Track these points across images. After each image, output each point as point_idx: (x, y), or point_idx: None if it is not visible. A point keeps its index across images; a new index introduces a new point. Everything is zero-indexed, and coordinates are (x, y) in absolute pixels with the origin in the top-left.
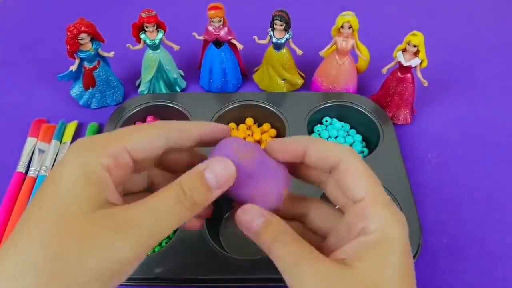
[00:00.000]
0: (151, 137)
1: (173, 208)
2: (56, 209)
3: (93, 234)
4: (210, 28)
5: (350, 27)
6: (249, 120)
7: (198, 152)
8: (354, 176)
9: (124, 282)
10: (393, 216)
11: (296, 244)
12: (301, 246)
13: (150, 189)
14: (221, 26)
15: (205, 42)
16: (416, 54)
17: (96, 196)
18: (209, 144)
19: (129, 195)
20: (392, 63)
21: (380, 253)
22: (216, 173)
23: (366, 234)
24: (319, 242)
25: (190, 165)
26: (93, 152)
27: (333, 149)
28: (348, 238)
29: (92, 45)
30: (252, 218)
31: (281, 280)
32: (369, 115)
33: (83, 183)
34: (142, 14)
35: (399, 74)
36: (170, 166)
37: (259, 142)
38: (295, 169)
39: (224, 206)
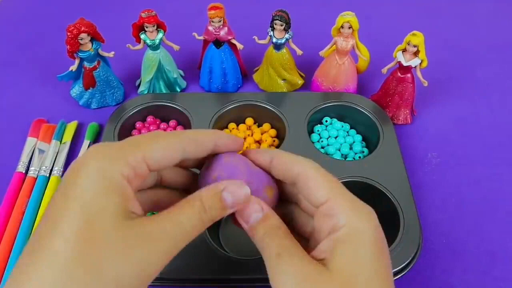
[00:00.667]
0: (169, 149)
1: (195, 223)
2: (84, 221)
3: (123, 246)
4: (210, 28)
5: (350, 27)
6: (249, 120)
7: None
8: (315, 182)
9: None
10: (360, 210)
11: (284, 239)
12: (289, 241)
13: (160, 183)
14: (221, 26)
15: (205, 42)
16: (416, 54)
17: (120, 207)
18: (220, 152)
19: (139, 192)
20: (392, 63)
21: (351, 246)
22: (233, 195)
23: (336, 230)
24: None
25: (201, 164)
26: (114, 161)
27: (294, 161)
28: (320, 240)
29: (92, 45)
30: (251, 212)
31: None
32: (369, 115)
33: (107, 194)
34: (142, 14)
35: (399, 74)
36: (182, 165)
37: (259, 142)
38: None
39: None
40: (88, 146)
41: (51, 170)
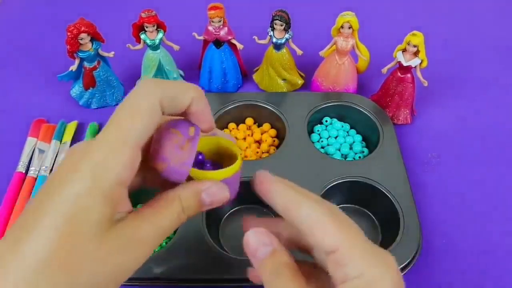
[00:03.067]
0: (148, 119)
1: (173, 223)
2: (66, 224)
3: (101, 252)
4: (210, 28)
5: (350, 27)
6: (249, 120)
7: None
8: (321, 229)
9: (124, 282)
10: (374, 257)
11: (289, 281)
12: (294, 284)
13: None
14: (221, 26)
15: (205, 42)
16: (416, 54)
17: (105, 216)
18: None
19: None
20: (392, 63)
21: None
22: (213, 197)
23: (348, 281)
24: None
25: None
26: (110, 169)
27: (300, 200)
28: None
29: (92, 45)
30: (259, 245)
31: None
32: (369, 115)
33: (95, 203)
34: (142, 14)
35: (399, 74)
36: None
37: (259, 142)
38: None
39: (224, 206)
40: None
41: (51, 170)
